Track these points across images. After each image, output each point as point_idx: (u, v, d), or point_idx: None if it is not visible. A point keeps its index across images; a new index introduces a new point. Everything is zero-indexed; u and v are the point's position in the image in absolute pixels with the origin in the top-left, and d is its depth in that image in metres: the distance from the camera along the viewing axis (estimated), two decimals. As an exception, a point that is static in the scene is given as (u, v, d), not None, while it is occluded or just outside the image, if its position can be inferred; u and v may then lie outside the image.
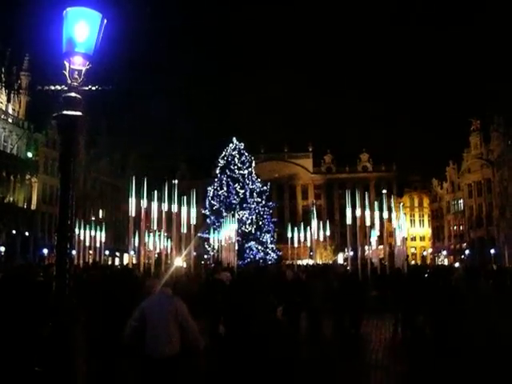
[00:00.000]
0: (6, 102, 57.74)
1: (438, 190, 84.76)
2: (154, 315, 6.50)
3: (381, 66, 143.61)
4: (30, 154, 59.02)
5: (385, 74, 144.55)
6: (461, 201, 78.59)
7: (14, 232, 54.40)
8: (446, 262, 74.14)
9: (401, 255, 29.25)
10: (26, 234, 56.52)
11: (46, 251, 56.44)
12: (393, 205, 30.41)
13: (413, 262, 58.14)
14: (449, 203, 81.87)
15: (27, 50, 60.18)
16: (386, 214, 28.88)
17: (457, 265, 49.68)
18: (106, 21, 4.70)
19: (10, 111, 58.38)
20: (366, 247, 32.73)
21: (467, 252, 72.68)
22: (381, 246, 37.53)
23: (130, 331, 6.63)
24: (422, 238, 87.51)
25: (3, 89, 57.14)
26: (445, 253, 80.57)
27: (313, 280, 15.43)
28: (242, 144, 54.94)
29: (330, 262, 52.93)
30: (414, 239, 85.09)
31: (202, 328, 7.98)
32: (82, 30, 4.61)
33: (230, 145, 54.56)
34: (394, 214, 30.00)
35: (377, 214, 29.52)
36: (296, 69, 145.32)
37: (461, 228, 78.99)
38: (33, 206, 59.81)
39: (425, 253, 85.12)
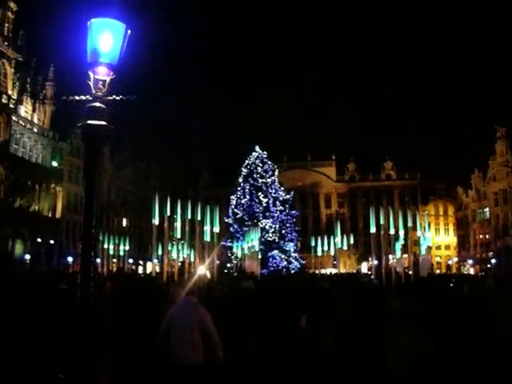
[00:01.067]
0: (31, 111, 58.54)
1: (463, 199, 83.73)
2: (179, 323, 6.53)
3: (405, 72, 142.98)
4: (54, 163, 59.73)
5: (409, 82, 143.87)
6: (487, 209, 77.53)
7: (38, 240, 54.97)
8: (471, 271, 73.11)
9: (426, 264, 28.93)
10: (51, 241, 57.09)
11: (70, 259, 56.94)
12: (417, 213, 30.12)
13: (438, 271, 57.50)
14: (474, 211, 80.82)
15: (52, 60, 61.14)
16: (410, 223, 28.60)
17: (482, 274, 48.95)
18: (129, 31, 4.73)
19: (36, 121, 59.17)
20: (391, 256, 32.43)
21: (493, 261, 71.61)
22: (405, 255, 37.16)
23: (160, 339, 6.67)
24: (447, 247, 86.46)
25: (28, 99, 57.98)
26: (470, 262, 79.42)
27: (336, 289, 15.33)
28: (265, 152, 54.98)
29: (354, 271, 52.57)
30: (439, 248, 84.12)
31: (224, 337, 7.96)
32: (107, 41, 4.65)
33: (253, 153, 54.60)
34: (418, 223, 29.69)
35: (401, 222, 29.22)
36: (319, 76, 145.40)
37: (487, 237, 77.84)
38: (57, 215, 60.45)
39: (450, 262, 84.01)
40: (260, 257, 35.27)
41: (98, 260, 35.41)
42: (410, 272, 28.87)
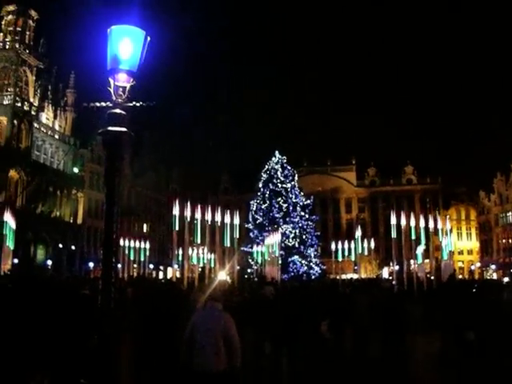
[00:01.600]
0: (52, 118, 59.27)
1: (485, 203, 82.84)
2: (204, 329, 6.50)
3: (425, 77, 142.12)
4: (76, 170, 60.37)
5: (431, 85, 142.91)
6: (509, 213, 76.67)
7: (60, 246, 55.52)
8: (494, 277, 72.22)
9: (448, 269, 28.57)
10: (73, 247, 57.64)
11: (91, 265, 57.36)
12: (439, 217, 29.76)
13: (460, 277, 56.87)
14: (497, 216, 79.93)
15: (73, 67, 61.90)
16: (431, 228, 28.27)
17: (506, 279, 48.30)
18: (149, 38, 4.74)
19: (57, 127, 59.88)
20: (412, 261, 32.11)
21: (517, 266, 70.66)
22: (427, 260, 36.77)
23: (183, 346, 6.63)
24: (470, 252, 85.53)
25: (50, 106, 58.69)
26: (494, 267, 78.46)
27: (358, 295, 15.20)
28: (285, 157, 54.89)
29: (375, 276, 52.19)
30: (461, 253, 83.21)
31: (245, 343, 7.92)
32: (126, 48, 4.66)
33: (273, 158, 54.54)
34: (440, 227, 29.33)
35: (422, 227, 28.90)
36: (339, 81, 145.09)
37: (510, 241, 76.95)
38: (79, 221, 61.03)
39: (473, 267, 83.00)
40: (280, 262, 35.13)
41: (119, 265, 35.61)
42: (432, 277, 28.53)
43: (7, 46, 53.36)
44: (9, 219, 26.93)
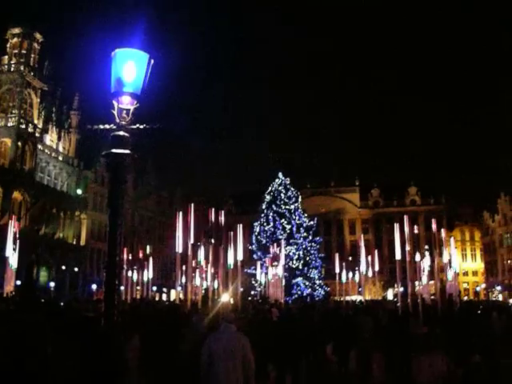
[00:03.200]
0: (56, 140, 59.50)
1: (489, 223, 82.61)
2: (222, 352, 6.43)
3: (427, 97, 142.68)
4: (79, 191, 60.37)
5: (433, 106, 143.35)
6: (514, 234, 76.42)
7: (63, 267, 55.36)
8: (500, 298, 71.71)
9: (453, 291, 28.38)
10: (75, 269, 57.44)
11: (94, 286, 57.12)
12: (443, 238, 29.62)
13: (465, 298, 56.49)
14: (501, 236, 79.64)
15: (77, 89, 62.33)
16: (436, 249, 28.16)
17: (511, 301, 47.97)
18: (153, 61, 4.78)
19: (61, 149, 60.08)
20: (417, 283, 31.93)
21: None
22: (432, 282, 36.56)
23: (202, 372, 6.53)
24: (475, 273, 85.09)
25: (54, 128, 58.96)
26: (499, 288, 77.95)
27: (362, 317, 15.08)
28: (288, 179, 54.90)
29: (380, 297, 51.88)
30: (466, 274, 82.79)
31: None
32: (130, 71, 4.70)
33: (276, 180, 54.56)
34: (444, 249, 29.20)
35: (427, 248, 28.81)
36: (341, 102, 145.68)
37: (515, 262, 76.57)
38: (82, 242, 60.93)
39: (478, 288, 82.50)
40: (284, 284, 34.96)
41: (122, 287, 35.42)
42: (436, 298, 28.33)
43: (12, 69, 53.79)
44: (12, 240, 26.89)
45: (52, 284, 52.39)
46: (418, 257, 27.66)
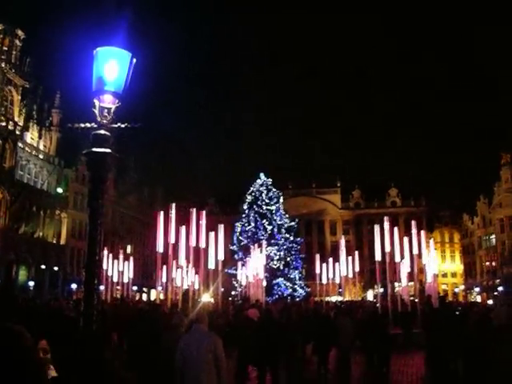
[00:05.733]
0: (37, 138, 58.90)
1: (468, 225, 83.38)
2: (193, 354, 6.40)
3: (409, 100, 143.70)
4: (59, 190, 59.84)
5: (414, 108, 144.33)
6: (492, 236, 77.11)
7: (43, 267, 54.87)
8: (478, 299, 72.42)
9: (432, 292, 28.64)
10: (55, 268, 56.96)
11: (74, 286, 56.71)
12: (423, 240, 29.86)
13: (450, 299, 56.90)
14: (480, 238, 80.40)
15: (59, 87, 61.74)
16: (415, 250, 28.36)
17: (490, 302, 48.47)
18: (135, 60, 4.76)
19: (41, 147, 59.49)
20: (396, 284, 32.18)
21: (500, 289, 70.90)
22: (411, 283, 36.85)
23: (177, 375, 6.50)
24: (454, 275, 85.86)
25: (35, 125, 58.39)
26: (477, 289, 78.75)
27: (341, 317, 15.16)
28: (270, 180, 54.99)
29: (360, 298, 52.16)
30: (445, 275, 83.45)
31: (229, 365, 7.85)
32: (112, 69, 4.67)
33: (258, 180, 54.63)
34: (424, 250, 29.44)
35: (407, 249, 29.01)
36: (324, 103, 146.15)
37: (493, 264, 77.32)
38: (62, 241, 60.43)
39: (457, 289, 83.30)
40: (265, 284, 35.02)
41: (102, 287, 35.21)
42: (416, 300, 28.58)
43: (-7, 65, 53.16)
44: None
45: (31, 283, 51.91)
46: (397, 258, 27.85)
